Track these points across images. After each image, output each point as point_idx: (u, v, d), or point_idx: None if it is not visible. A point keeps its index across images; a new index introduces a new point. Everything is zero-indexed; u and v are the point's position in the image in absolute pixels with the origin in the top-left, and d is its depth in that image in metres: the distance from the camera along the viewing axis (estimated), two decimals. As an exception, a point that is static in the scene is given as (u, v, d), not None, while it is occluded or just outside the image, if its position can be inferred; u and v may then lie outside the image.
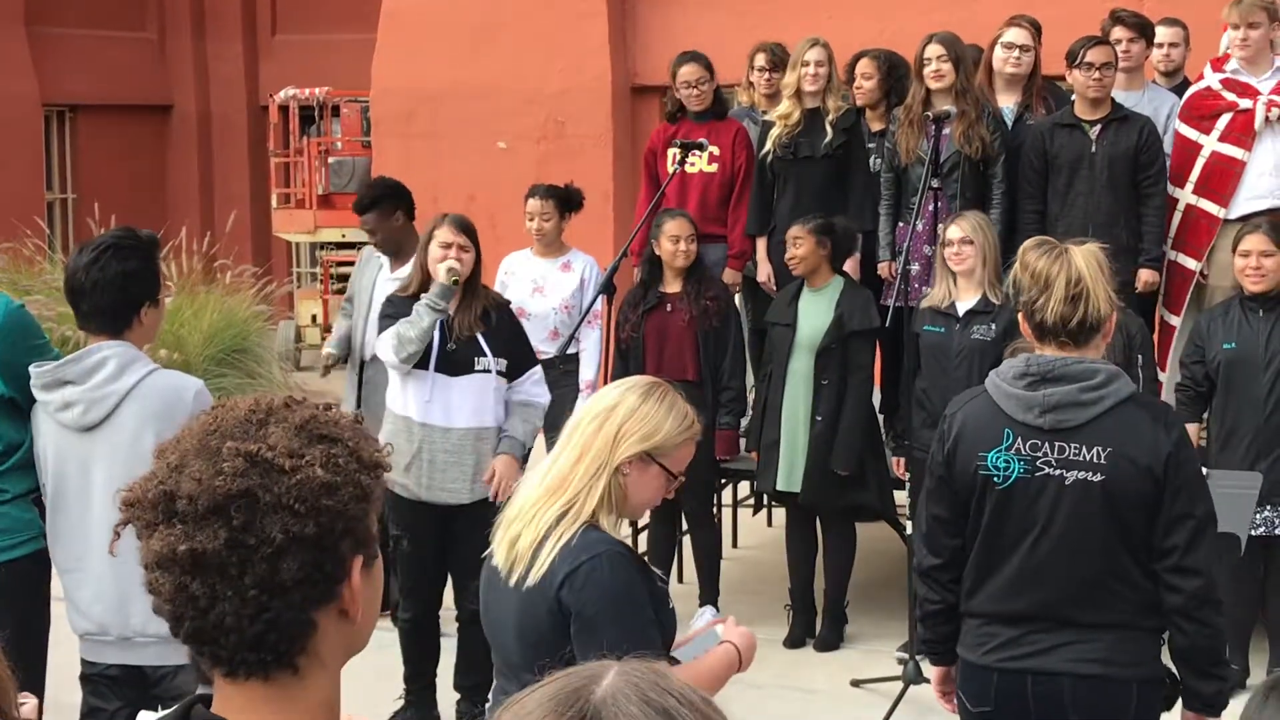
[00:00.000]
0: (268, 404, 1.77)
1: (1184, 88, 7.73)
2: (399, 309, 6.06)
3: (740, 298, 8.17)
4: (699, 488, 7.29)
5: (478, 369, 6.05)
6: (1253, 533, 6.00)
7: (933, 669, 4.18)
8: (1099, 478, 3.75)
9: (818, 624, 7.37)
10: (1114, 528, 3.77)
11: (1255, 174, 7.12)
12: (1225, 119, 7.17)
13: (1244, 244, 6.53)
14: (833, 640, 7.30)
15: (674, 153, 7.84)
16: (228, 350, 12.23)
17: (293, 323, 15.40)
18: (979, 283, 6.79)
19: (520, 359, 6.18)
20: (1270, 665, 6.60)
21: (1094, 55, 7.10)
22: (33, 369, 4.39)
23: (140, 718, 3.11)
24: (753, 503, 9.01)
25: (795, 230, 7.12)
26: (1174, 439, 3.77)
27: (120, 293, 4.31)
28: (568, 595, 3.15)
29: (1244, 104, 7.13)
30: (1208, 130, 7.22)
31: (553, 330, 7.46)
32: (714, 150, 7.91)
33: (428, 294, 6.02)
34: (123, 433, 4.29)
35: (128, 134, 17.16)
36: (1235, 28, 7.16)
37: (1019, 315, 4.00)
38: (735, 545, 8.86)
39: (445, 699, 6.44)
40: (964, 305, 6.82)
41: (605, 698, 1.36)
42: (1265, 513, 6.33)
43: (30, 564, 4.56)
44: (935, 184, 7.04)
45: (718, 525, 8.01)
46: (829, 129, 7.62)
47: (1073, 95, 7.35)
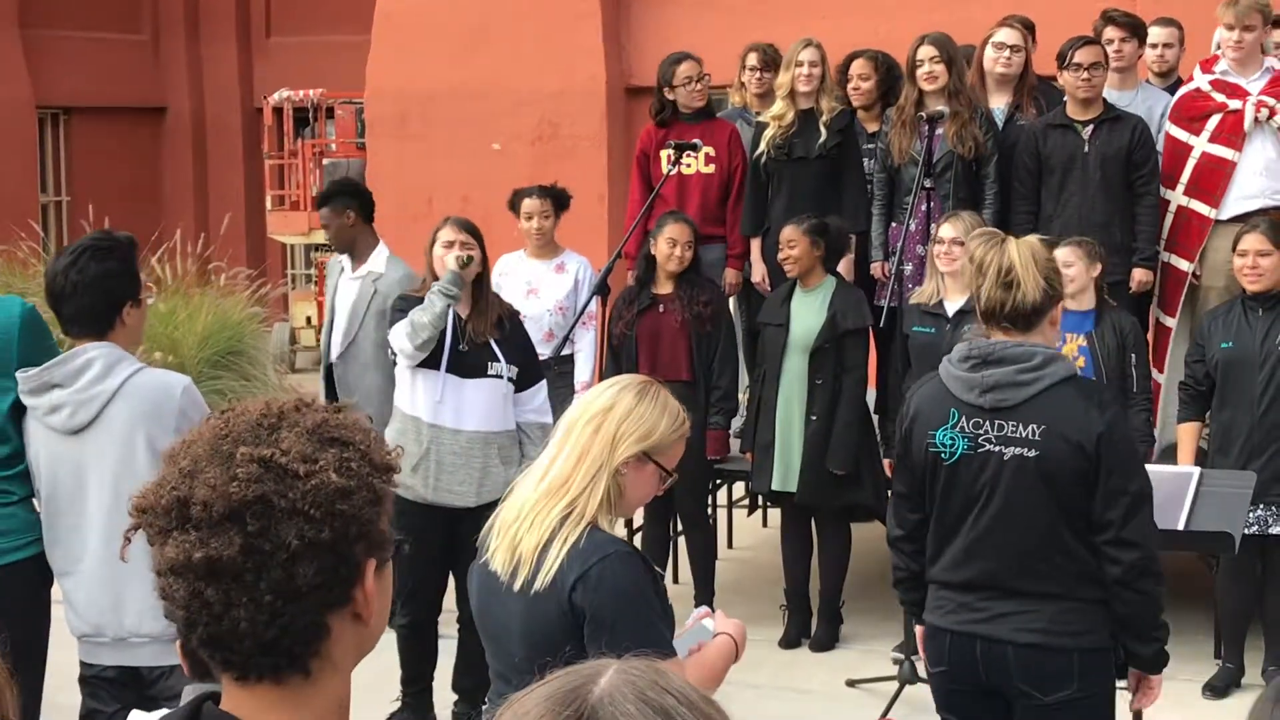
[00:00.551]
0: (279, 408, 1.76)
1: (1177, 88, 7.74)
2: (409, 306, 6.08)
3: (735, 298, 8.18)
4: (693, 488, 7.30)
5: (490, 374, 6.05)
6: (1246, 531, 6.01)
7: (917, 628, 4.43)
8: (1034, 454, 3.96)
9: (813, 624, 7.37)
10: (1051, 501, 3.97)
11: (1245, 174, 7.14)
12: (1215, 120, 7.18)
13: (1242, 243, 6.56)
14: (828, 640, 7.31)
15: (667, 154, 7.86)
16: (222, 353, 12.23)
17: (287, 325, 15.40)
18: (969, 283, 6.79)
19: (530, 370, 6.18)
20: (1265, 664, 6.61)
21: (1082, 55, 7.11)
22: (19, 374, 4.39)
23: (132, 717, 3.11)
24: (748, 503, 9.02)
25: (789, 231, 7.12)
26: (1106, 418, 3.95)
27: (101, 294, 4.31)
28: (580, 598, 3.15)
29: (1233, 105, 7.15)
30: (1197, 131, 7.23)
31: (547, 331, 7.46)
32: (709, 151, 7.92)
33: (439, 281, 6.05)
34: (112, 433, 4.30)
35: (122, 136, 17.15)
36: (1230, 29, 7.17)
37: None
38: (730, 546, 8.87)
39: (442, 702, 6.44)
40: (953, 305, 6.83)
41: (603, 696, 1.37)
42: (1259, 511, 6.35)
43: (33, 566, 4.57)
44: (928, 184, 7.05)
45: (713, 526, 8.02)
46: (823, 129, 7.63)
47: (1065, 95, 7.37)
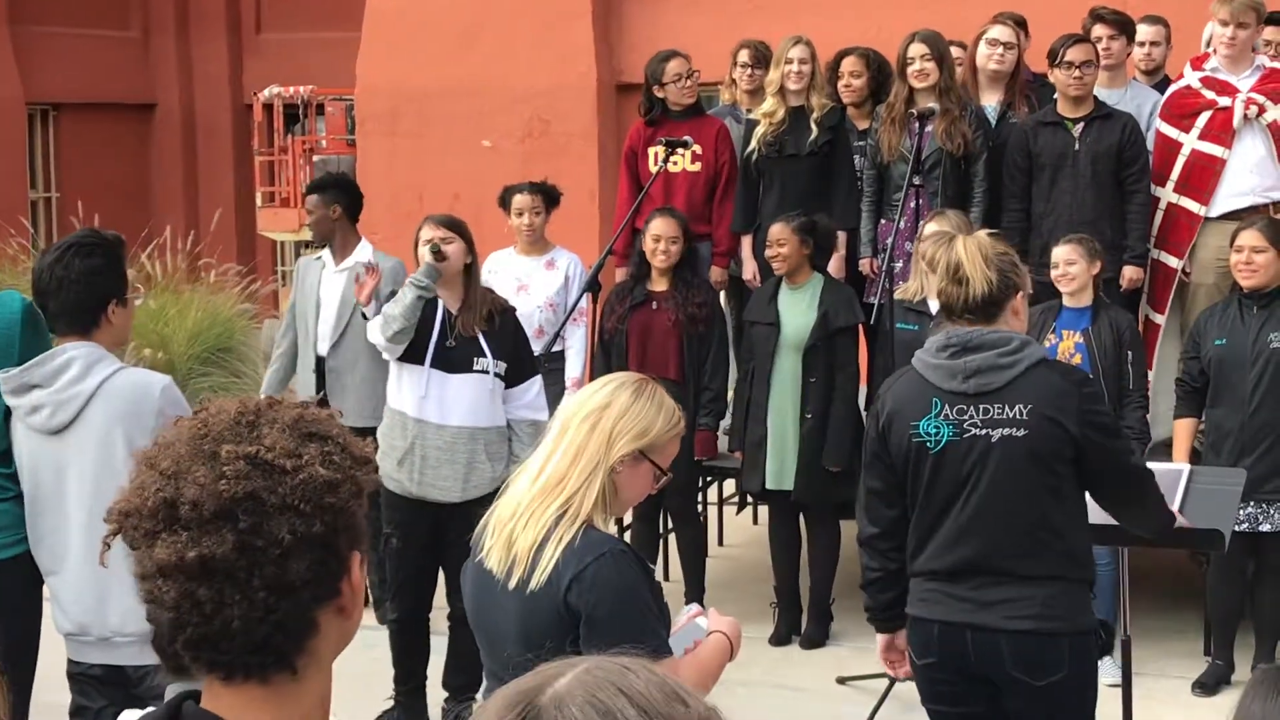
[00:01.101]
0: (255, 405, 1.77)
1: (1165, 86, 7.75)
2: None
3: (725, 295, 8.18)
4: (682, 486, 7.29)
5: (476, 369, 6.03)
6: (1236, 529, 6.01)
7: (877, 637, 4.42)
8: (1022, 433, 4.04)
9: (803, 621, 7.38)
10: (1039, 479, 4.05)
11: (1235, 171, 7.15)
12: (1205, 117, 7.19)
13: (1238, 240, 6.58)
14: (818, 638, 7.31)
15: (656, 151, 7.86)
16: (212, 349, 12.23)
17: (277, 321, 15.37)
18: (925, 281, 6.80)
19: (520, 365, 6.15)
20: (1255, 661, 6.61)
21: (1074, 54, 7.12)
22: (0, 374, 4.38)
23: (123, 717, 3.10)
24: (737, 500, 9.01)
25: (778, 230, 7.11)
26: (1087, 390, 4.14)
27: (86, 290, 4.29)
28: (575, 597, 3.15)
29: (1223, 102, 7.15)
30: (1187, 129, 7.24)
31: (537, 328, 7.44)
32: (697, 149, 7.92)
33: (413, 274, 6.07)
34: (91, 433, 4.29)
35: (111, 133, 17.11)
36: (1224, 25, 7.17)
37: None
38: (720, 543, 8.87)
39: (432, 700, 6.43)
40: (936, 302, 6.83)
41: (552, 698, 1.35)
42: (1249, 509, 6.35)
43: (26, 563, 4.56)
44: (917, 181, 7.05)
45: (703, 523, 8.02)
46: (814, 127, 7.63)
47: (1055, 93, 7.37)
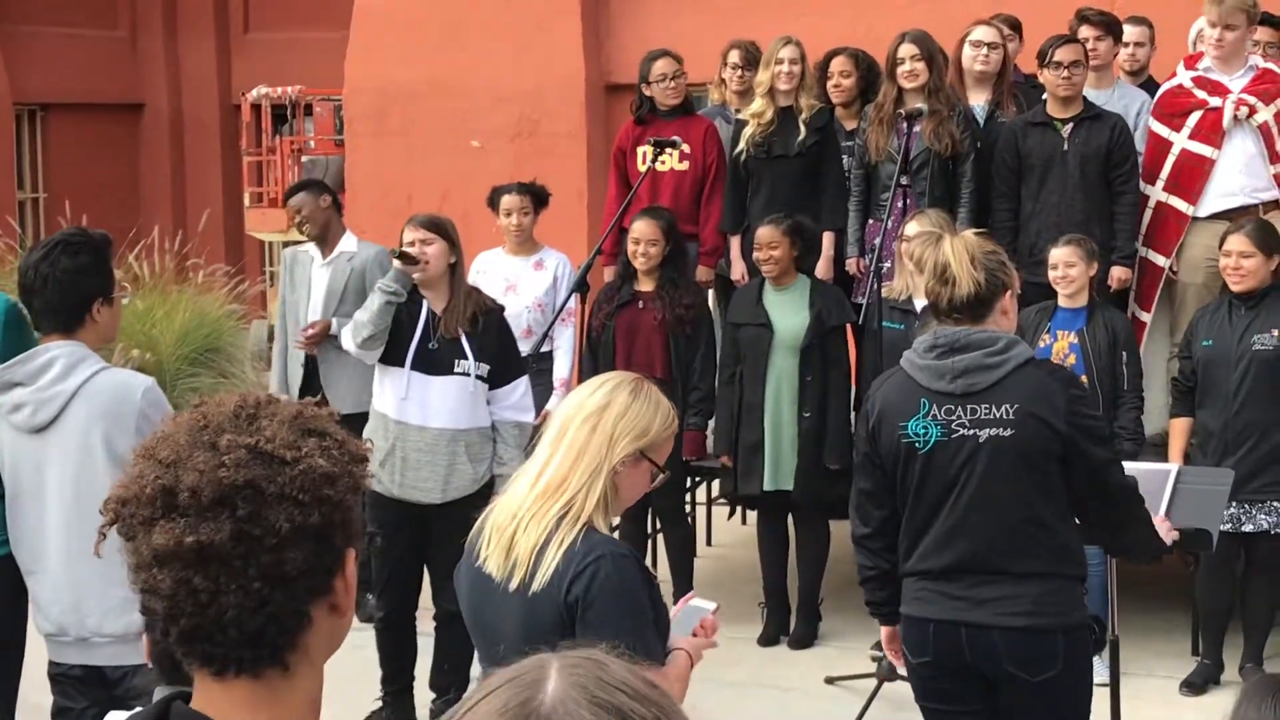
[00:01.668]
0: (254, 400, 1.78)
1: (1150, 86, 7.76)
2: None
3: (713, 296, 8.17)
4: (670, 486, 7.28)
5: (457, 371, 6.02)
6: (1221, 528, 6.02)
7: (880, 629, 4.50)
8: (1009, 432, 4.07)
9: (792, 621, 7.37)
10: (1028, 477, 4.08)
11: (1225, 172, 7.15)
12: (1195, 117, 7.20)
13: (1227, 244, 6.59)
14: (807, 637, 7.31)
15: (644, 151, 7.86)
16: (200, 350, 12.20)
17: (265, 322, 15.33)
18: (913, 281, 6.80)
19: (504, 366, 6.12)
20: (1243, 661, 6.62)
21: (1062, 54, 7.13)
22: None
23: (110, 718, 3.09)
24: (728, 505, 8.98)
25: (770, 233, 7.08)
26: (1074, 391, 4.15)
27: (71, 289, 4.28)
28: (575, 598, 3.15)
29: (1214, 102, 7.16)
30: (1178, 128, 7.24)
31: (526, 328, 7.44)
32: (685, 148, 7.92)
33: (382, 279, 6.07)
34: (72, 432, 4.28)
35: (99, 132, 17.06)
36: (1212, 26, 7.18)
37: None
38: (709, 543, 8.86)
39: (420, 701, 6.41)
40: (922, 301, 6.84)
41: (555, 706, 1.35)
42: (1232, 509, 6.35)
43: (10, 563, 4.55)
44: (905, 181, 7.05)
45: (691, 523, 8.01)
46: (802, 127, 7.63)
47: (1044, 93, 7.37)
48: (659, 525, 7.77)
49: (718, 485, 8.76)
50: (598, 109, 11.75)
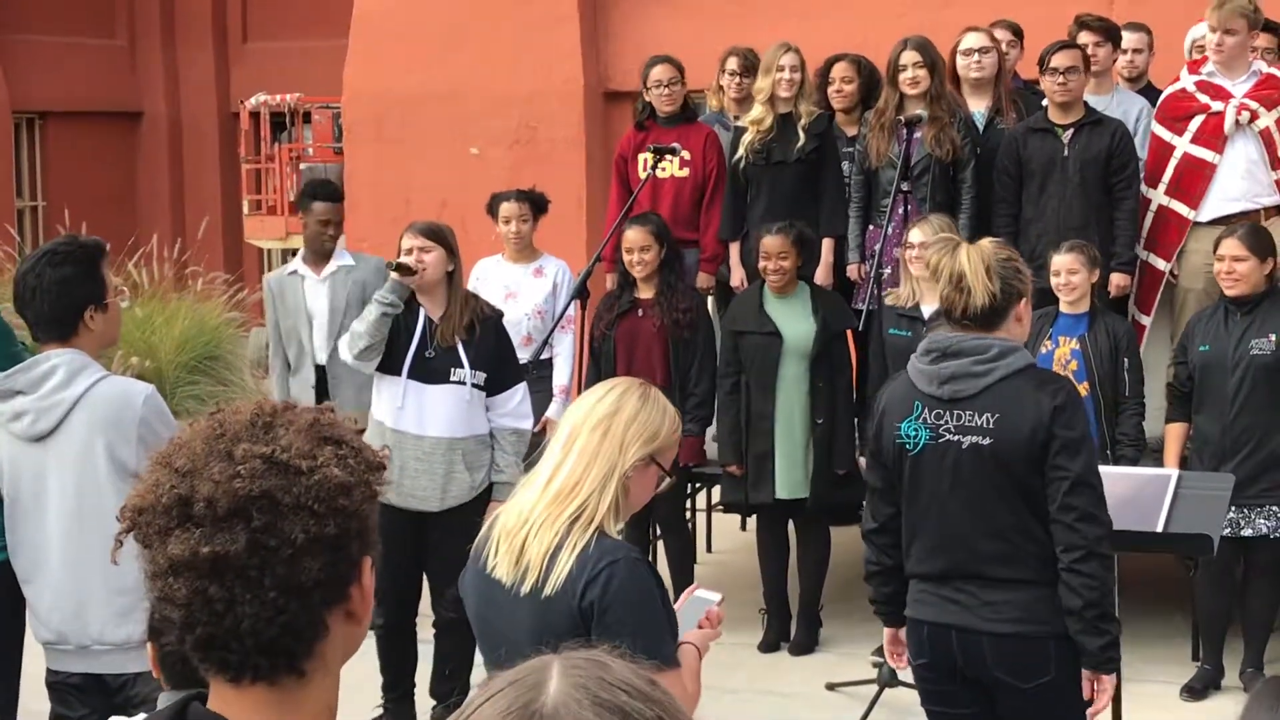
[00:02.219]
0: (270, 408, 1.78)
1: (1149, 92, 7.77)
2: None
3: (713, 302, 8.17)
4: (670, 492, 7.28)
5: (453, 380, 6.02)
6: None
7: (884, 630, 4.52)
8: (988, 441, 4.10)
9: (792, 627, 7.37)
10: (1009, 487, 4.09)
11: (1227, 176, 7.16)
12: (1197, 121, 7.20)
13: (1220, 248, 6.59)
14: (807, 644, 7.30)
15: (645, 158, 7.85)
16: (200, 357, 12.21)
17: (264, 330, 15.33)
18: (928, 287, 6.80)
19: (502, 373, 6.12)
20: (1243, 666, 6.62)
21: (1057, 60, 7.16)
22: None
23: (115, 721, 3.09)
24: (738, 513, 8.93)
25: (779, 243, 7.03)
26: (1056, 403, 4.06)
27: (59, 299, 4.28)
28: (589, 603, 3.15)
29: (1216, 107, 7.17)
30: (1180, 132, 7.25)
31: (526, 336, 7.44)
32: (685, 155, 7.91)
33: (379, 290, 6.07)
34: (73, 441, 4.27)
35: (98, 141, 17.07)
36: (1212, 31, 7.20)
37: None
38: (709, 550, 8.86)
39: (423, 707, 6.41)
40: (929, 308, 6.85)
41: (557, 706, 1.35)
42: (1230, 513, 6.35)
43: (6, 570, 4.54)
44: (906, 187, 7.05)
45: (690, 529, 8.00)
46: (801, 134, 7.63)
47: (1045, 99, 7.39)
48: (659, 532, 7.76)
49: (718, 492, 8.78)
50: (596, 116, 11.75)
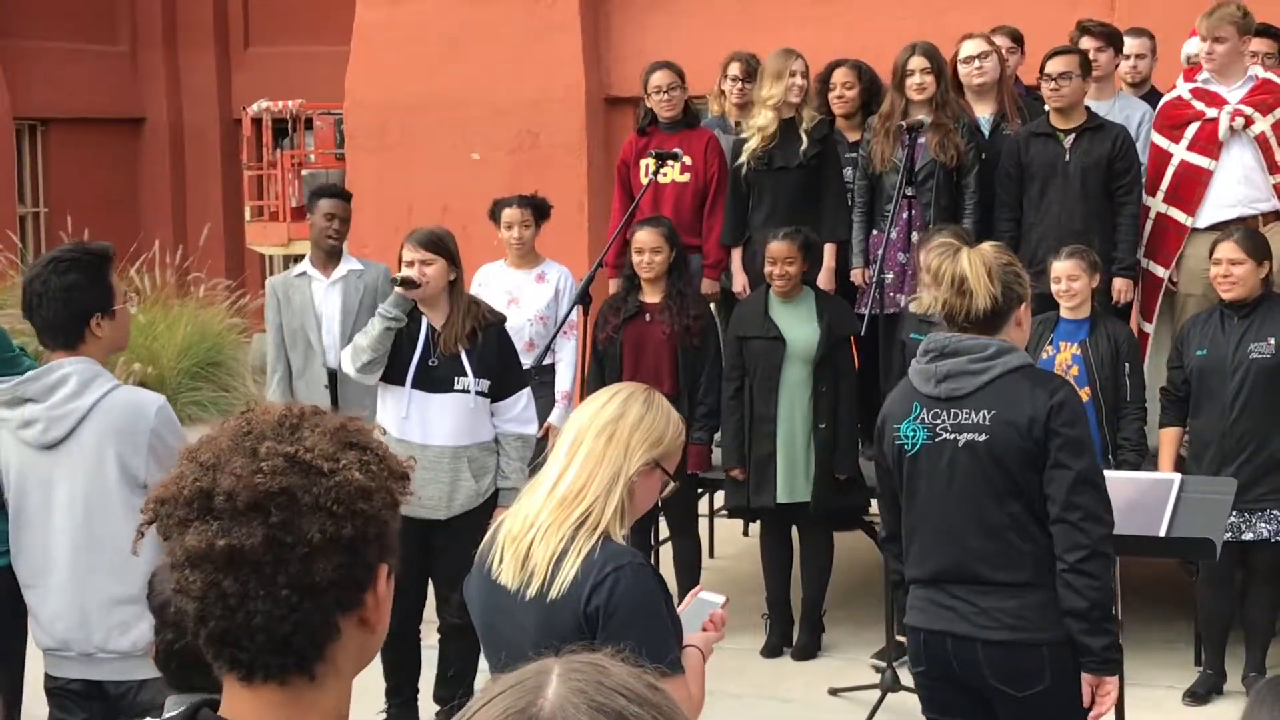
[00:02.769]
0: (299, 410, 1.80)
1: (1151, 98, 7.78)
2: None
3: (715, 308, 8.17)
4: (682, 498, 7.30)
5: (457, 388, 6.02)
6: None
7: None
8: (983, 438, 4.09)
9: (795, 633, 7.37)
10: (1006, 484, 4.08)
11: (1224, 182, 7.17)
12: (1193, 128, 7.22)
13: (1216, 252, 6.59)
14: (810, 649, 7.30)
15: (647, 163, 7.86)
16: (201, 364, 12.23)
17: (266, 337, 15.34)
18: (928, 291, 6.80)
19: (506, 379, 6.12)
20: (1245, 670, 6.62)
21: (1052, 66, 7.20)
22: None
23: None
24: (741, 518, 8.93)
25: (786, 248, 7.04)
26: (1055, 400, 4.05)
27: (64, 306, 4.27)
28: (594, 608, 3.16)
29: (1211, 113, 7.18)
30: (1177, 139, 7.27)
31: (528, 342, 7.44)
32: (686, 160, 7.92)
33: (382, 304, 6.06)
34: (84, 450, 4.27)
35: (100, 147, 17.09)
36: (1202, 39, 7.23)
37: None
38: (712, 555, 8.85)
39: (427, 712, 6.42)
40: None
41: (555, 710, 1.35)
42: (1231, 518, 6.35)
43: (8, 575, 4.55)
44: (909, 192, 7.06)
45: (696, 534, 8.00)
46: (804, 138, 7.63)
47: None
48: (669, 534, 7.75)
49: (721, 497, 8.78)
50: (597, 122, 11.77)
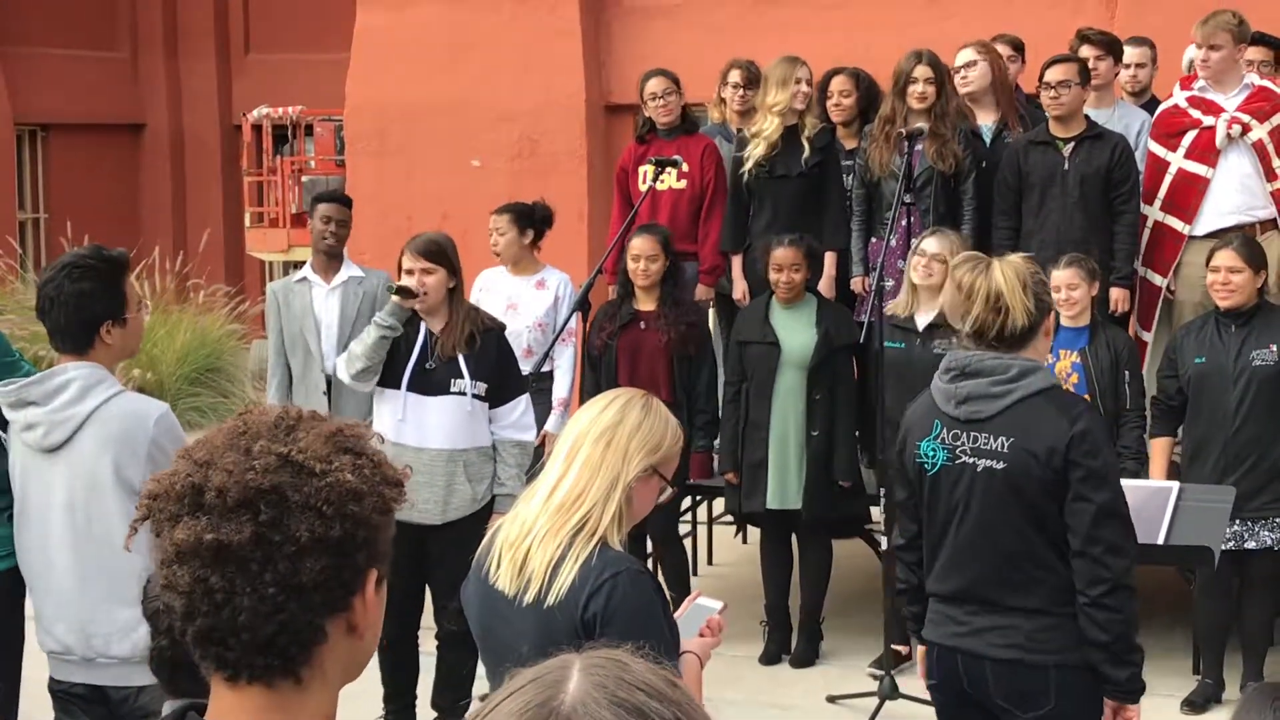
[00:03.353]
0: (296, 413, 1.81)
1: (1151, 106, 7.79)
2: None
3: (714, 314, 8.17)
4: (666, 508, 7.28)
5: (453, 391, 6.02)
6: (1222, 546, 6.02)
7: (919, 648, 4.42)
8: (1001, 465, 4.01)
9: (793, 640, 7.37)
10: (1023, 514, 4.01)
11: (1221, 190, 7.18)
12: (1190, 136, 7.23)
13: (1214, 260, 6.59)
14: (808, 656, 7.30)
15: (646, 170, 7.86)
16: (201, 369, 12.24)
17: (266, 342, 15.34)
18: (953, 307, 6.78)
19: (504, 385, 6.11)
20: (1243, 679, 6.62)
21: (1050, 74, 7.21)
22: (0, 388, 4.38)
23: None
24: (734, 524, 8.95)
25: (790, 255, 7.03)
26: (1078, 429, 3.96)
27: (76, 312, 4.27)
28: (592, 614, 3.16)
29: (1208, 121, 7.19)
30: (1174, 148, 7.27)
31: (526, 348, 7.44)
32: (684, 167, 7.93)
33: (378, 313, 6.06)
34: (83, 456, 4.27)
35: (100, 153, 17.10)
36: (1199, 47, 7.25)
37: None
38: (710, 562, 8.86)
39: (425, 718, 6.42)
40: (924, 319, 6.87)
41: (575, 705, 1.35)
42: (1234, 527, 6.35)
43: (9, 578, 4.55)
44: (908, 199, 7.07)
45: (693, 542, 8.00)
46: (806, 146, 7.63)
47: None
48: (652, 543, 7.75)
49: (720, 503, 8.78)
50: (597, 129, 11.78)
